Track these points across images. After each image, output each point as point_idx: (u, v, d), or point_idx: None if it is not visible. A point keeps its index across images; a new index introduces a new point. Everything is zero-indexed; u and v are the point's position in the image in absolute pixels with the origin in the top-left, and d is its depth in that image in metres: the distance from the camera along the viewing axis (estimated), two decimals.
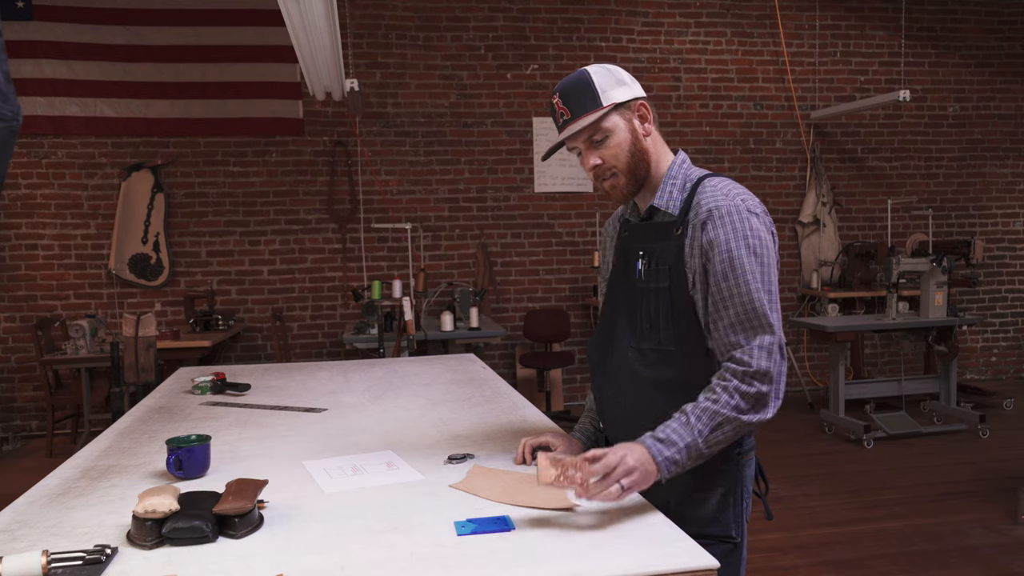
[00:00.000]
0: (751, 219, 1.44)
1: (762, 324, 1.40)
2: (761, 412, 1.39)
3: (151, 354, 3.92)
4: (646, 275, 1.53)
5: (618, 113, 1.49)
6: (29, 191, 5.99)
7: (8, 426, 6.02)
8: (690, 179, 1.53)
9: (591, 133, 1.49)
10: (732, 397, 1.37)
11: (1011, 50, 7.35)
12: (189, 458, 1.59)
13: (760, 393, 1.38)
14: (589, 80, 1.48)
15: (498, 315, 6.57)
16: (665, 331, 1.49)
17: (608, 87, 1.49)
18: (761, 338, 1.40)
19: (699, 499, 1.49)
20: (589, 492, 1.28)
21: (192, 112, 6.08)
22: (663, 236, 1.52)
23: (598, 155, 1.50)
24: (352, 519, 1.35)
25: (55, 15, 5.85)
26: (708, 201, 1.46)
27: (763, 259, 1.42)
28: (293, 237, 6.34)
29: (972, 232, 7.32)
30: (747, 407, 1.38)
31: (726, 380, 1.39)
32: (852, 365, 6.61)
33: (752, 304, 1.40)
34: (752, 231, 1.42)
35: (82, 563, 1.16)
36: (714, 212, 1.44)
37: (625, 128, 1.50)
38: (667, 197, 1.52)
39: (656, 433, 1.37)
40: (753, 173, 6.93)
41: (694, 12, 6.78)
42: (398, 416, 2.14)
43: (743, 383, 1.38)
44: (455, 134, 6.50)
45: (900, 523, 3.82)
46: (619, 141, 1.49)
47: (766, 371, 1.38)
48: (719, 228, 1.43)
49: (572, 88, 1.49)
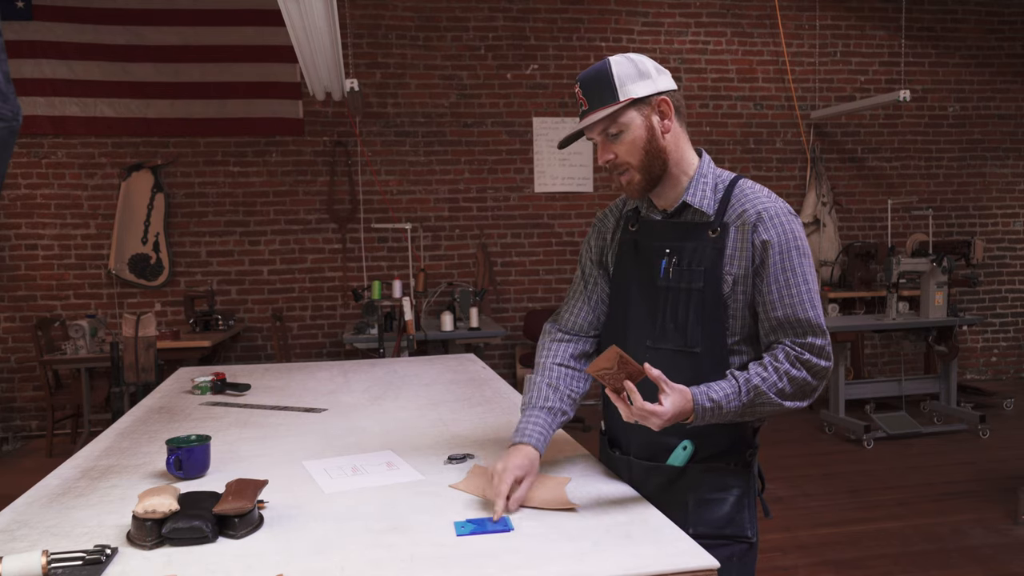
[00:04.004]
0: (795, 222, 1.48)
1: (812, 326, 1.44)
2: (800, 400, 1.45)
3: (151, 354, 3.92)
4: (675, 275, 1.50)
5: (635, 109, 1.47)
6: (29, 191, 5.99)
7: (8, 426, 6.02)
8: (721, 180, 1.53)
9: (606, 126, 1.48)
10: (781, 379, 1.42)
11: (1011, 50, 7.35)
12: (189, 458, 1.59)
13: (807, 382, 1.43)
14: (609, 72, 1.46)
15: (498, 315, 6.56)
16: (693, 332, 1.48)
17: (628, 80, 1.46)
18: (815, 340, 1.44)
19: (716, 500, 1.50)
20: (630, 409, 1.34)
21: (192, 112, 6.08)
22: (696, 236, 1.50)
23: (613, 149, 1.49)
24: (352, 519, 1.35)
25: (55, 15, 5.84)
26: (755, 204, 1.47)
27: (810, 261, 1.47)
28: (293, 237, 6.34)
29: (972, 232, 7.31)
30: (792, 391, 1.43)
31: (778, 361, 1.43)
32: (852, 365, 6.61)
33: (803, 306, 1.44)
34: (799, 234, 1.47)
35: (82, 563, 1.16)
36: (764, 215, 1.45)
37: (641, 125, 1.48)
38: (700, 195, 1.51)
39: (709, 392, 1.40)
40: (753, 173, 6.93)
41: (694, 12, 6.78)
42: (398, 416, 2.14)
43: (794, 367, 1.43)
44: (455, 134, 6.50)
45: (900, 523, 3.82)
46: (633, 137, 1.48)
47: (822, 368, 1.44)
48: (771, 231, 1.45)
49: (592, 79, 1.48)
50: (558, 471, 1.59)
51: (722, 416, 1.40)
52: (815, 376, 1.43)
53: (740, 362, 1.48)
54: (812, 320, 1.44)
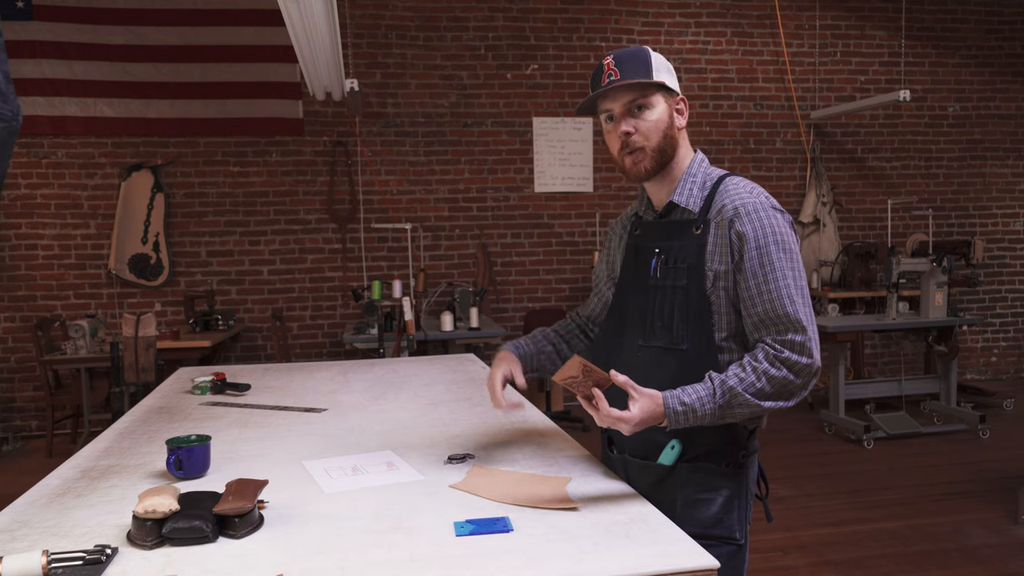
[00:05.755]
0: (777, 216, 1.45)
1: (792, 321, 1.41)
2: (783, 400, 1.41)
3: (151, 354, 3.92)
4: (662, 273, 1.52)
5: (663, 94, 1.52)
6: (29, 191, 5.99)
7: (8, 426, 6.02)
8: (710, 177, 1.54)
9: (636, 96, 1.49)
10: (759, 379, 1.39)
11: (1011, 50, 7.35)
12: (189, 458, 1.59)
13: (787, 380, 1.39)
14: (648, 55, 1.51)
15: (498, 315, 6.56)
16: (679, 330, 1.48)
17: (663, 69, 1.52)
18: (795, 336, 1.41)
19: (704, 500, 1.49)
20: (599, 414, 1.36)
21: (192, 112, 6.08)
22: (681, 234, 1.51)
23: (634, 123, 1.50)
24: (352, 519, 1.35)
25: (55, 15, 5.84)
26: (733, 199, 1.46)
27: (792, 255, 1.44)
28: (293, 237, 6.34)
29: (972, 232, 7.31)
30: (772, 391, 1.39)
31: (757, 361, 1.40)
32: (852, 365, 6.61)
33: (782, 301, 1.42)
34: (779, 228, 1.44)
35: (82, 563, 1.16)
36: (741, 210, 1.45)
37: (665, 110, 1.52)
38: (687, 194, 1.52)
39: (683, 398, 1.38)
40: (753, 173, 6.93)
41: (694, 12, 6.78)
42: (398, 416, 2.14)
43: (773, 366, 1.39)
44: (455, 134, 6.50)
45: (900, 523, 3.82)
46: (657, 118, 1.50)
47: (803, 365, 1.40)
48: (747, 225, 1.44)
49: (629, 55, 1.50)
50: (558, 471, 1.59)
51: (699, 419, 1.38)
52: (797, 374, 1.40)
53: (730, 359, 1.48)
54: (791, 315, 1.41)
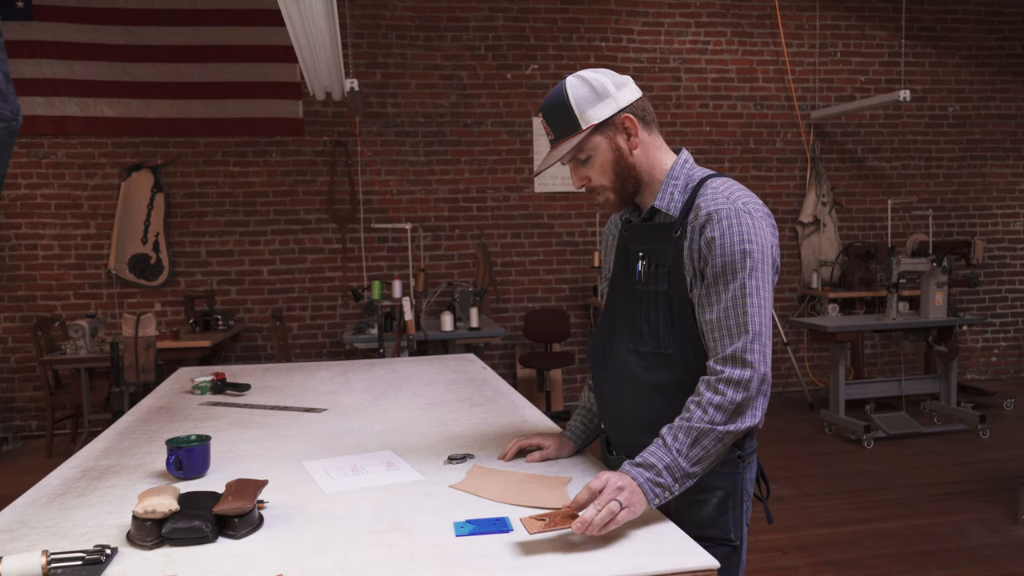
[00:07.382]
0: (747, 221, 1.40)
1: (741, 329, 1.37)
2: (739, 420, 1.35)
3: (151, 354, 3.92)
4: (646, 277, 1.51)
5: (600, 133, 1.46)
6: (29, 191, 5.99)
7: (8, 426, 6.02)
8: (692, 180, 1.51)
9: (574, 154, 1.49)
10: (706, 412, 1.34)
11: (1011, 50, 7.35)
12: (189, 458, 1.59)
13: (734, 401, 1.34)
14: (566, 100, 1.45)
15: (498, 315, 6.56)
16: (665, 334, 1.48)
17: (586, 106, 1.45)
18: (735, 346, 1.36)
19: (698, 501, 1.48)
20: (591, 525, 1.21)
21: (192, 112, 6.08)
22: (662, 238, 1.50)
23: (585, 174, 1.51)
24: (352, 519, 1.35)
25: (55, 15, 5.84)
26: (708, 204, 1.43)
27: (757, 264, 1.39)
28: (293, 237, 6.34)
29: (972, 232, 7.31)
30: (723, 418, 1.34)
31: (698, 395, 1.37)
32: (852, 365, 6.61)
33: (735, 310, 1.37)
34: (748, 235, 1.39)
35: (82, 563, 1.16)
36: (713, 215, 1.41)
37: (608, 148, 1.47)
38: (668, 199, 1.50)
39: (635, 460, 1.35)
40: (753, 173, 6.93)
41: (694, 12, 6.78)
42: (398, 416, 2.14)
43: (716, 394, 1.35)
44: (455, 134, 6.50)
45: (900, 523, 3.82)
46: (602, 161, 1.48)
47: (739, 379, 1.35)
48: (716, 230, 1.40)
49: (552, 109, 1.48)
50: (558, 471, 1.59)
51: (684, 470, 1.33)
52: (737, 389, 1.34)
53: None
54: (734, 327, 1.37)
